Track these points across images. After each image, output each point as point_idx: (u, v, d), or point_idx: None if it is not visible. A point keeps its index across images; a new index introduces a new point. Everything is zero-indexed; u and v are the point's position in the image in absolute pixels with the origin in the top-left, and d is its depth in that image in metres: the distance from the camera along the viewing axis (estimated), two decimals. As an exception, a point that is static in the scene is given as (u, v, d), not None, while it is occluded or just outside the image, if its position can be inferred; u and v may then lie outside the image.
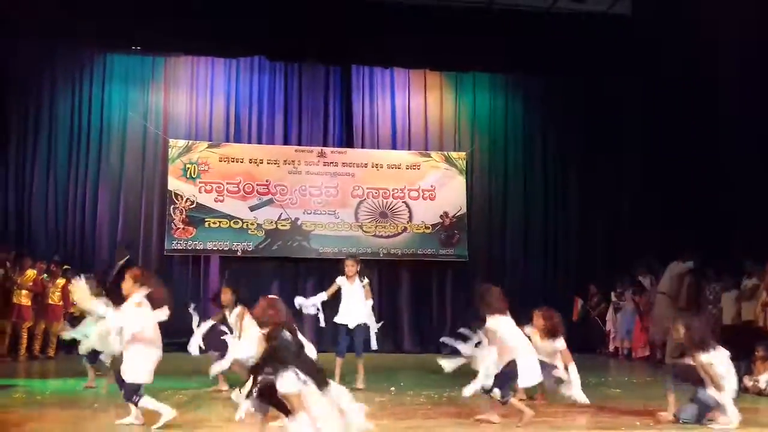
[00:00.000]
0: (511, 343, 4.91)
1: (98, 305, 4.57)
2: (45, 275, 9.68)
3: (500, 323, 4.95)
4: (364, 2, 10.31)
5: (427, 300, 12.24)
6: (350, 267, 6.99)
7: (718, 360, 4.94)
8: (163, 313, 4.72)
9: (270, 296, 4.34)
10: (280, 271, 11.95)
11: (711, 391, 4.88)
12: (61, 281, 9.73)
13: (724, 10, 9.28)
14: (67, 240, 11.48)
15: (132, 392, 4.62)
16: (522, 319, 5.45)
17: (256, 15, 10.03)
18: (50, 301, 9.65)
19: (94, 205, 11.62)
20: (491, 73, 12.33)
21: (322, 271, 11.96)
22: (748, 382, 6.91)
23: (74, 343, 7.50)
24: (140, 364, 4.64)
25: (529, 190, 12.67)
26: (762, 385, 6.68)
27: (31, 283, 9.42)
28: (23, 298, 9.34)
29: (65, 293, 9.65)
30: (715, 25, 9.59)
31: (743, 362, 8.11)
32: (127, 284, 4.74)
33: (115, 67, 11.89)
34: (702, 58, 10.01)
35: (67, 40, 10.72)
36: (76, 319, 10.02)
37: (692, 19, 9.73)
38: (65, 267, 10.13)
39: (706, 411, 4.93)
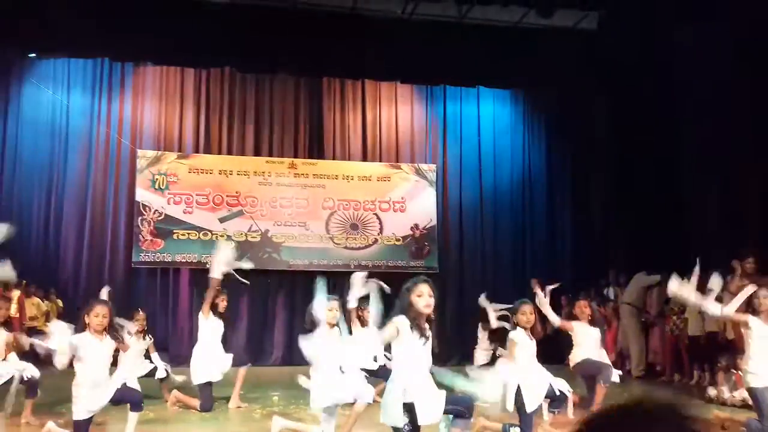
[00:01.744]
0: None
1: None
2: (-1, 288, 9.47)
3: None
4: (336, 14, 10.36)
5: (397, 311, 12.22)
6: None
7: None
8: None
9: None
10: (250, 284, 11.83)
11: None
12: (16, 293, 9.55)
13: (690, 29, 9.52)
14: (30, 251, 11.23)
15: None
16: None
17: (227, 25, 10.00)
18: (7, 314, 9.44)
19: (58, 215, 11.42)
20: (461, 86, 12.44)
21: (293, 283, 11.93)
22: (711, 392, 7.04)
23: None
24: None
25: (498, 202, 12.80)
26: (725, 395, 6.80)
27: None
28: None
29: (21, 305, 9.48)
30: (680, 43, 9.83)
31: (707, 372, 8.31)
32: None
33: (82, 74, 11.74)
34: (666, 74, 10.23)
35: (33, 47, 10.54)
36: (32, 331, 9.87)
37: (657, 35, 9.97)
38: (23, 280, 9.94)
39: None
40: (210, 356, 6.55)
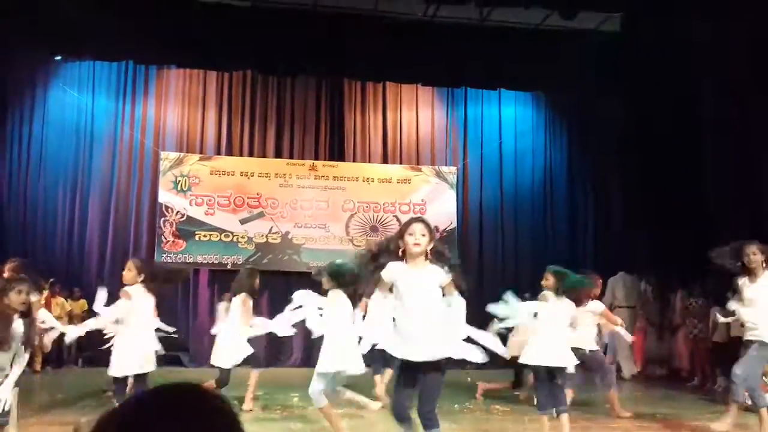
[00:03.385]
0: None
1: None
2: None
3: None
4: (357, 16, 10.38)
5: (417, 314, 12.21)
6: None
7: None
8: None
9: None
10: (270, 285, 11.86)
11: None
12: (44, 293, 9.67)
13: (712, 29, 9.41)
14: (54, 251, 11.40)
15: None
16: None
17: (249, 28, 10.07)
18: (34, 314, 9.56)
19: (82, 216, 11.58)
20: (483, 88, 12.40)
21: (313, 285, 11.93)
22: (736, 397, 6.92)
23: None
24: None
25: (519, 205, 12.74)
26: (748, 400, 6.68)
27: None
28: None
29: (48, 305, 9.59)
30: (702, 43, 9.71)
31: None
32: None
33: (107, 77, 11.90)
34: (688, 75, 10.12)
35: (59, 49, 10.69)
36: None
37: (681, 37, 9.85)
38: (51, 279, 10.07)
39: None
40: (237, 340, 6.52)
